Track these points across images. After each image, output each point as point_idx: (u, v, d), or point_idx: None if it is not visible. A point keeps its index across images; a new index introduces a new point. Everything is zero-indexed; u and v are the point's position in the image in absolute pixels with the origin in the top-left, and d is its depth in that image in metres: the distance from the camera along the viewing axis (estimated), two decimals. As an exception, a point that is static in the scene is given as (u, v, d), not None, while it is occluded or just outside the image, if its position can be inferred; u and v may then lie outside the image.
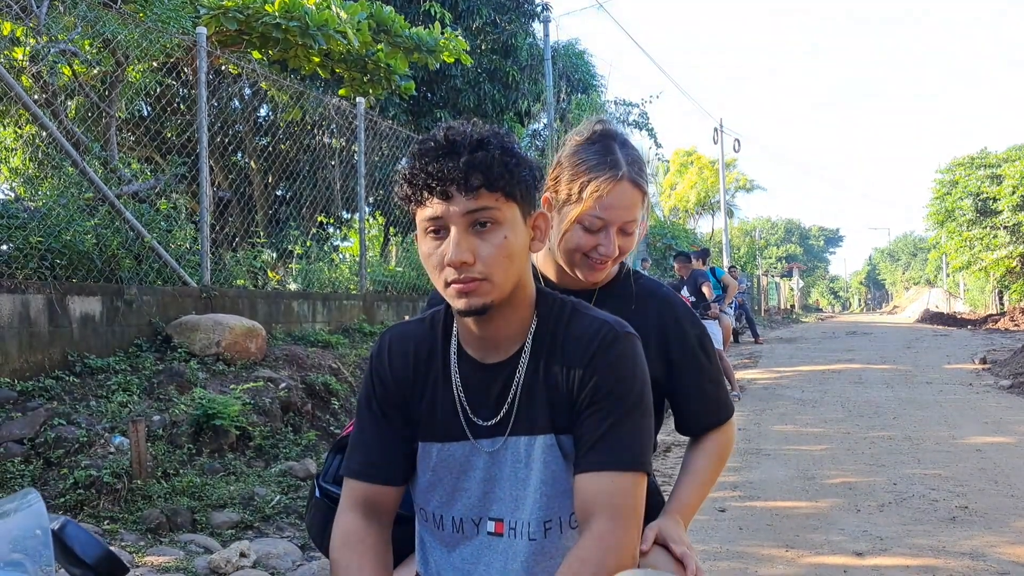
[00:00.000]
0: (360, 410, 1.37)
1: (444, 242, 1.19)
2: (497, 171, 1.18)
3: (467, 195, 1.16)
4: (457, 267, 1.17)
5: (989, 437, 6.21)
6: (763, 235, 54.68)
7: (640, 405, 1.24)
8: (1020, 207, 25.62)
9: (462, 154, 1.17)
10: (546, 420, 1.25)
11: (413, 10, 11.31)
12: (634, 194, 1.58)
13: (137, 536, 3.55)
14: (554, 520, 1.25)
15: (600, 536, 1.16)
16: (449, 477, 1.29)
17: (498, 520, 1.27)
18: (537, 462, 1.25)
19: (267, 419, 5.03)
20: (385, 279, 9.43)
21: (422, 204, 1.19)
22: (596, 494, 1.18)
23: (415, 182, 1.19)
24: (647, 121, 19.71)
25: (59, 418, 4.18)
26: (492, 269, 1.19)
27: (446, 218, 1.18)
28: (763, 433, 6.63)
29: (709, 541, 3.82)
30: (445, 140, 1.19)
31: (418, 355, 1.33)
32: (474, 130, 1.21)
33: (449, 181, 1.16)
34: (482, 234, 1.18)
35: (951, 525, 3.98)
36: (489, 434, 1.27)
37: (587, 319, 1.29)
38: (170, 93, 7.51)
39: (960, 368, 11.36)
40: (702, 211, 36.14)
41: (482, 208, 1.17)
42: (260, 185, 9.05)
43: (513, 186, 1.20)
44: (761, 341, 17.69)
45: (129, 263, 5.64)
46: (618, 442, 1.20)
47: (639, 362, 1.26)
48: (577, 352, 1.25)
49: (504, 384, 1.27)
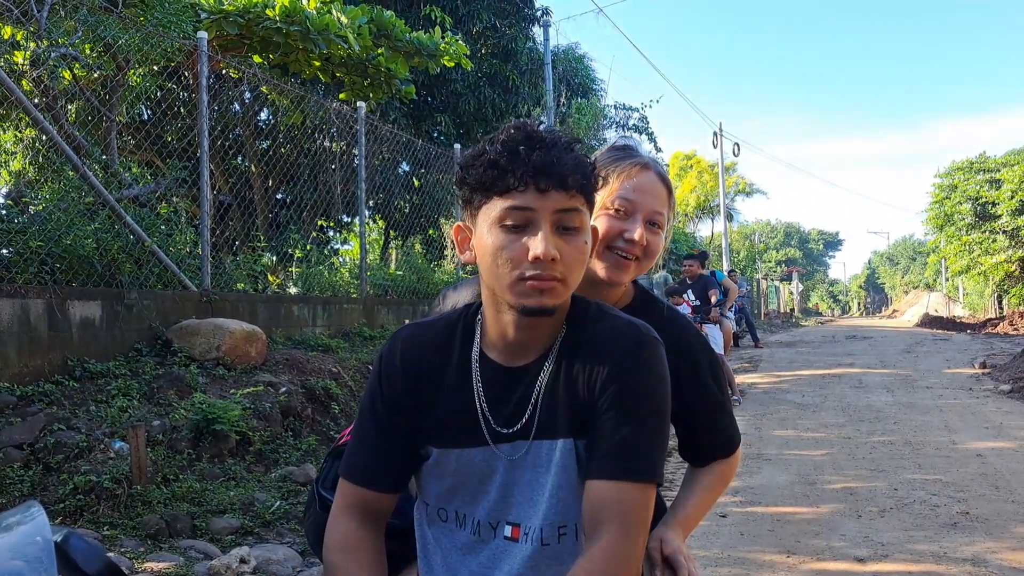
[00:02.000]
0: (363, 412, 1.32)
1: (524, 236, 1.15)
2: (589, 174, 1.18)
3: (564, 192, 1.14)
4: (546, 263, 1.15)
5: (989, 442, 6.21)
6: (763, 239, 54.72)
7: (659, 414, 1.21)
8: (1019, 211, 25.64)
9: (558, 149, 1.15)
10: (566, 424, 1.22)
11: (414, 14, 11.33)
12: (661, 187, 1.57)
13: (137, 542, 3.54)
14: (568, 525, 1.23)
15: (607, 548, 1.14)
16: (471, 482, 1.26)
17: (516, 525, 1.25)
18: (556, 466, 1.22)
19: (267, 424, 5.02)
20: (385, 283, 9.42)
21: (506, 193, 1.15)
22: (607, 503, 1.16)
23: (509, 168, 1.14)
24: (647, 125, 19.74)
25: (59, 423, 4.18)
26: (571, 272, 1.18)
27: (538, 211, 1.14)
28: (764, 438, 6.63)
29: (710, 547, 3.81)
30: (533, 135, 1.16)
31: (432, 358, 1.29)
32: (559, 130, 1.20)
33: (550, 175, 1.13)
34: (566, 236, 1.17)
35: (952, 531, 3.97)
36: (510, 439, 1.24)
37: (612, 319, 1.26)
38: (171, 97, 7.51)
39: (960, 372, 11.35)
40: (702, 215, 36.13)
41: (572, 209, 1.16)
42: (260, 189, 9.05)
43: (592, 193, 1.20)
44: (761, 345, 17.68)
45: (129, 267, 5.64)
46: (634, 450, 1.17)
47: (662, 369, 1.23)
48: (601, 354, 1.22)
49: (527, 388, 1.24)
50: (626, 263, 1.53)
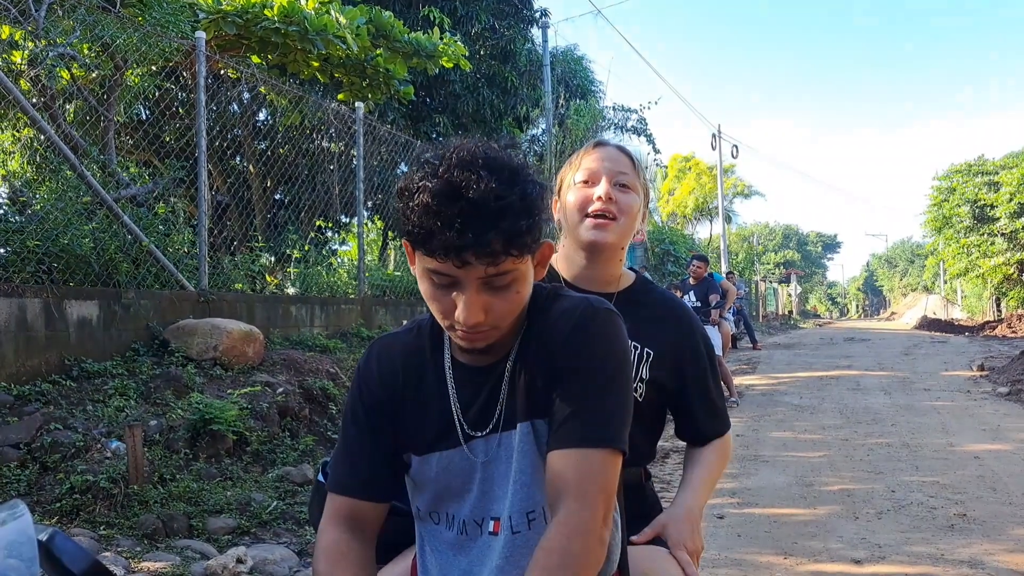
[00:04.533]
0: (345, 424, 1.33)
1: (452, 291, 1.13)
2: (520, 235, 1.09)
3: (486, 263, 1.08)
4: (473, 325, 1.13)
5: (987, 444, 6.20)
6: (761, 241, 54.72)
7: (616, 381, 1.19)
8: (1017, 214, 25.67)
9: (483, 218, 1.06)
10: (525, 408, 1.22)
11: (412, 15, 11.33)
12: (622, 156, 1.66)
13: (133, 542, 3.53)
14: (536, 510, 1.22)
15: (565, 520, 1.12)
16: (455, 483, 1.27)
17: (496, 519, 1.25)
18: (516, 452, 1.22)
19: (264, 424, 5.01)
20: (383, 283, 9.42)
21: (430, 255, 1.10)
22: (563, 472, 1.14)
23: (429, 236, 1.07)
24: (645, 127, 19.72)
25: (55, 423, 4.17)
26: (504, 319, 1.16)
27: (461, 278, 1.11)
28: (761, 439, 6.63)
29: (707, 548, 3.79)
30: (462, 193, 1.06)
31: (407, 367, 1.30)
32: (490, 174, 1.08)
33: (470, 250, 1.06)
34: (496, 291, 1.13)
35: (949, 533, 3.97)
36: (484, 437, 1.25)
37: (564, 299, 1.25)
38: (169, 97, 7.50)
39: (958, 375, 11.36)
40: (700, 216, 36.17)
41: (500, 273, 1.11)
42: (258, 189, 9.05)
43: (533, 244, 1.13)
44: (759, 347, 17.69)
45: (127, 267, 5.63)
46: (590, 418, 1.16)
47: (617, 338, 1.22)
48: (553, 331, 1.21)
49: (494, 385, 1.25)
50: (605, 222, 1.59)
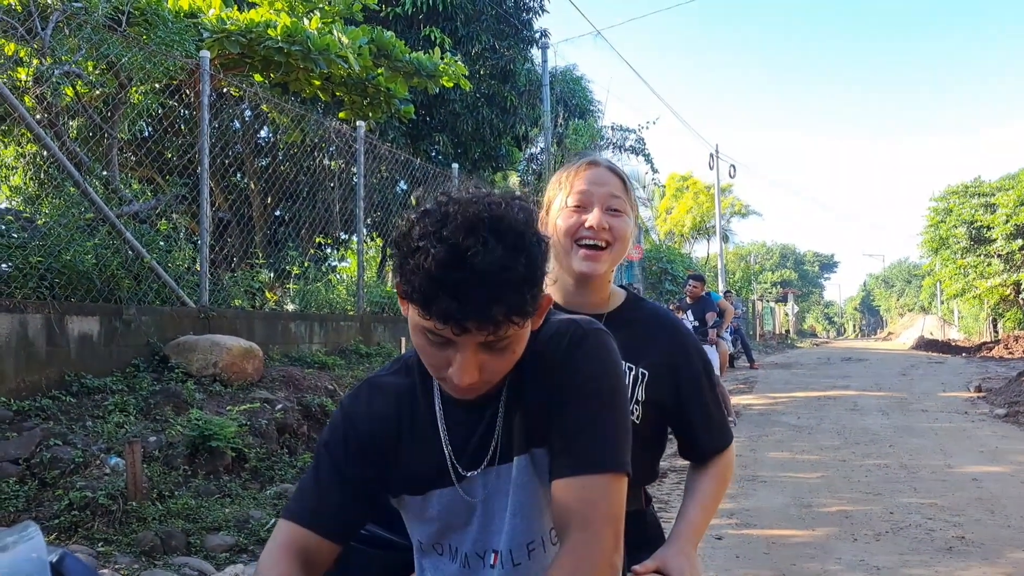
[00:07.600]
0: (319, 455, 1.27)
1: (446, 350, 1.09)
2: (524, 305, 1.05)
3: (487, 332, 1.05)
4: (467, 387, 1.11)
5: (985, 466, 6.21)
6: (758, 260, 54.83)
7: (613, 401, 1.16)
8: (1013, 235, 25.78)
9: (487, 289, 1.01)
10: (521, 440, 1.20)
11: (413, 35, 11.44)
12: (613, 178, 1.60)
13: (131, 559, 3.53)
14: (536, 540, 1.21)
15: (572, 550, 1.09)
16: (457, 520, 1.25)
17: (496, 552, 1.23)
18: (514, 485, 1.20)
19: (263, 441, 5.01)
20: (382, 300, 9.43)
21: (427, 317, 1.04)
22: (567, 502, 1.12)
23: (428, 302, 1.03)
24: (643, 146, 19.88)
25: (55, 438, 4.17)
26: (497, 377, 1.14)
27: (457, 342, 1.07)
28: (759, 460, 6.63)
29: (705, 570, 3.80)
30: (467, 263, 1.01)
31: (400, 407, 1.27)
32: (496, 240, 1.03)
33: (470, 320, 1.03)
34: (493, 352, 1.09)
35: (948, 555, 3.97)
36: (480, 471, 1.23)
37: (553, 323, 1.22)
38: (172, 115, 7.55)
39: (955, 396, 11.36)
40: (698, 235, 36.21)
41: (499, 339, 1.07)
42: (259, 206, 9.08)
43: (534, 308, 1.08)
44: (757, 366, 17.68)
45: (128, 283, 5.65)
46: (590, 442, 1.13)
47: (610, 358, 1.19)
48: (544, 357, 1.18)
49: (489, 421, 1.22)
50: (597, 252, 1.56)
